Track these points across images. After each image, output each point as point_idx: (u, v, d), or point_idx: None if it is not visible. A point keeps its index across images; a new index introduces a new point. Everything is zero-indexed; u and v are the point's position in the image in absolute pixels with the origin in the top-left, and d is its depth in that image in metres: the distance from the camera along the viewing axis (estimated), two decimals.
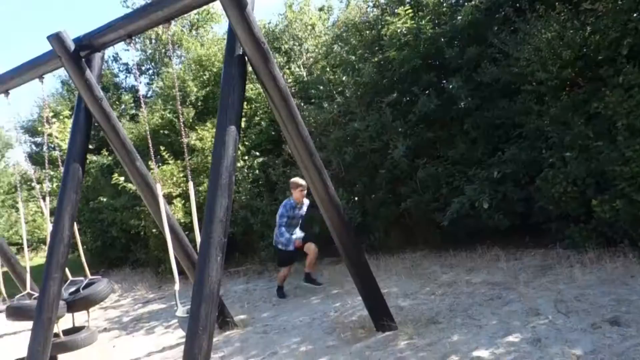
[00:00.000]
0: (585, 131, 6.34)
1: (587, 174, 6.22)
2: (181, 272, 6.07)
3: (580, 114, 6.55)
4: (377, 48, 8.87)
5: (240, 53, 4.32)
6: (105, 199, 11.17)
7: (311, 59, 10.63)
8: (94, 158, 11.95)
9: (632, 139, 5.96)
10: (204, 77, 11.07)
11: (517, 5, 7.74)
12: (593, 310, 4.71)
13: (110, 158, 11.89)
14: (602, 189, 6.21)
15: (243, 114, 10.27)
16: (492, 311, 5.18)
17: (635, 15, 6.25)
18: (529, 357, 4.07)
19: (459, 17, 7.92)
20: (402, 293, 6.34)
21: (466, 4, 8.04)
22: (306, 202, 7.42)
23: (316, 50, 10.78)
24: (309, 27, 11.59)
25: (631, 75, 6.12)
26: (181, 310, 4.56)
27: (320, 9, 12.45)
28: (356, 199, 8.59)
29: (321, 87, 9.04)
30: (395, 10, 8.46)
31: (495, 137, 7.60)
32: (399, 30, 8.16)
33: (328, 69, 9.25)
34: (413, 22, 8.12)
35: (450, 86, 7.61)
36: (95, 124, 5.36)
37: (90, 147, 10.23)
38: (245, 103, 10.35)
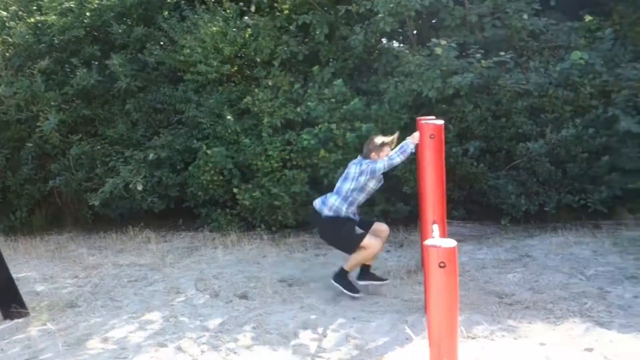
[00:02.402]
0: (235, 125, 6.89)
1: (234, 164, 6.78)
2: None
3: (233, 109, 7.10)
4: (34, 8, 8.01)
5: None
6: None
7: None
8: None
9: (274, 136, 6.73)
10: None
11: None
12: (228, 287, 5.17)
13: None
14: (247, 179, 6.86)
15: None
16: (135, 292, 5.21)
17: (285, 35, 7.07)
18: (163, 333, 4.24)
19: None
20: (41, 277, 5.88)
21: None
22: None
23: None
24: None
25: (278, 79, 6.92)
26: None
27: None
28: None
29: None
30: None
31: (156, 121, 7.67)
32: None
33: None
34: None
35: (114, 63, 7.35)
36: None
37: None
38: None
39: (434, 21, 7.16)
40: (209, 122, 7.01)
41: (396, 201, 6.59)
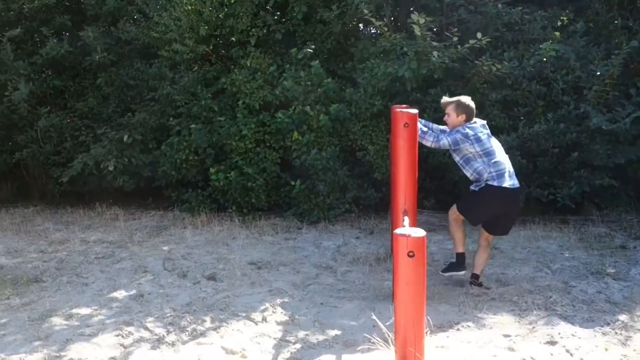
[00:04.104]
0: (211, 105, 6.80)
1: (208, 144, 6.71)
2: None
3: (209, 88, 7.00)
4: None
5: None
6: None
7: None
8: None
9: (249, 117, 6.67)
10: None
11: None
12: (196, 267, 5.13)
13: None
14: (220, 160, 6.79)
15: None
16: (102, 269, 5.15)
17: (262, 12, 6.96)
18: (128, 312, 4.20)
19: None
20: (6, 251, 5.77)
21: None
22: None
23: None
24: None
25: (256, 60, 6.83)
26: None
27: None
28: None
29: None
30: None
31: (128, 97, 7.52)
32: None
33: None
34: None
35: (88, 35, 7.15)
36: None
37: None
38: None
39: (411, 8, 7.14)
40: (183, 101, 6.91)
41: (368, 187, 6.61)
